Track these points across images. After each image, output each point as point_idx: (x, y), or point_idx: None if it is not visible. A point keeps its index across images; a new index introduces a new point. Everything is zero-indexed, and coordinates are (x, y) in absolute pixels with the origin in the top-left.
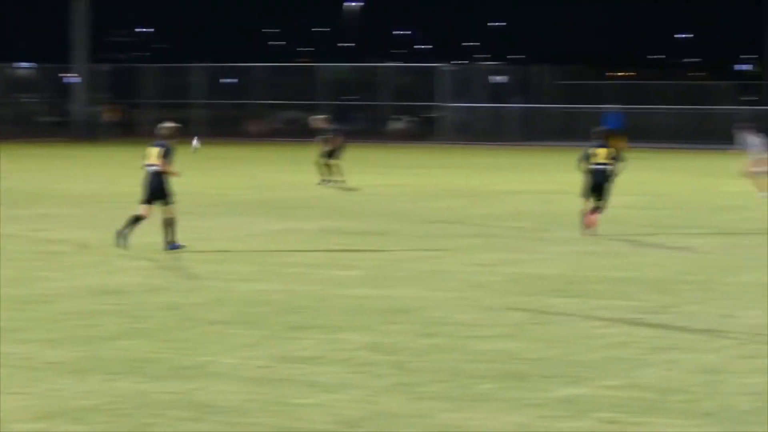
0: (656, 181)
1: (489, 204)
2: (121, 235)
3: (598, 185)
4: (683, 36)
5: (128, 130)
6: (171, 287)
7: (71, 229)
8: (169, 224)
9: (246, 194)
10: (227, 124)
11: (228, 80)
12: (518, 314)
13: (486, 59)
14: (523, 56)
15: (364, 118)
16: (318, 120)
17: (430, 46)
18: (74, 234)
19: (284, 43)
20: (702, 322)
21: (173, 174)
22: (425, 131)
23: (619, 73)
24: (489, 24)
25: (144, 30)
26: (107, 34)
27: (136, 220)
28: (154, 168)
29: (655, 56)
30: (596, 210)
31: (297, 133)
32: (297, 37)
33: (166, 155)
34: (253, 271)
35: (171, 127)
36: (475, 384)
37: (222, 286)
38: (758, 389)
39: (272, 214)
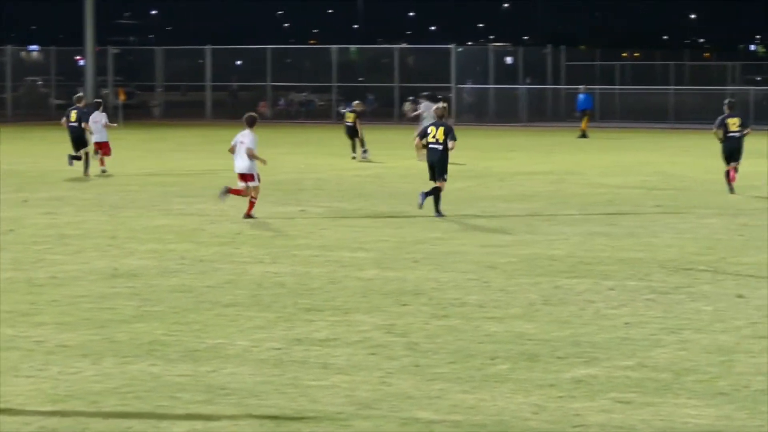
0: (664, 162)
1: (500, 185)
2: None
3: (734, 150)
4: (693, 17)
5: (139, 113)
6: (182, 270)
7: (80, 212)
8: (437, 191)
9: None
10: (238, 106)
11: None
12: (530, 295)
13: (495, 41)
14: (530, 38)
15: (376, 100)
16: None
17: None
18: (83, 217)
19: (295, 24)
20: (714, 303)
21: (452, 149)
22: None
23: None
24: (500, 5)
25: (155, 12)
26: (117, 17)
27: (436, 191)
28: (438, 145)
29: (664, 36)
30: (735, 170)
31: (309, 114)
32: (308, 19)
33: (450, 133)
34: (264, 253)
35: (443, 108)
36: (488, 365)
37: (234, 268)
38: None
39: (282, 197)
